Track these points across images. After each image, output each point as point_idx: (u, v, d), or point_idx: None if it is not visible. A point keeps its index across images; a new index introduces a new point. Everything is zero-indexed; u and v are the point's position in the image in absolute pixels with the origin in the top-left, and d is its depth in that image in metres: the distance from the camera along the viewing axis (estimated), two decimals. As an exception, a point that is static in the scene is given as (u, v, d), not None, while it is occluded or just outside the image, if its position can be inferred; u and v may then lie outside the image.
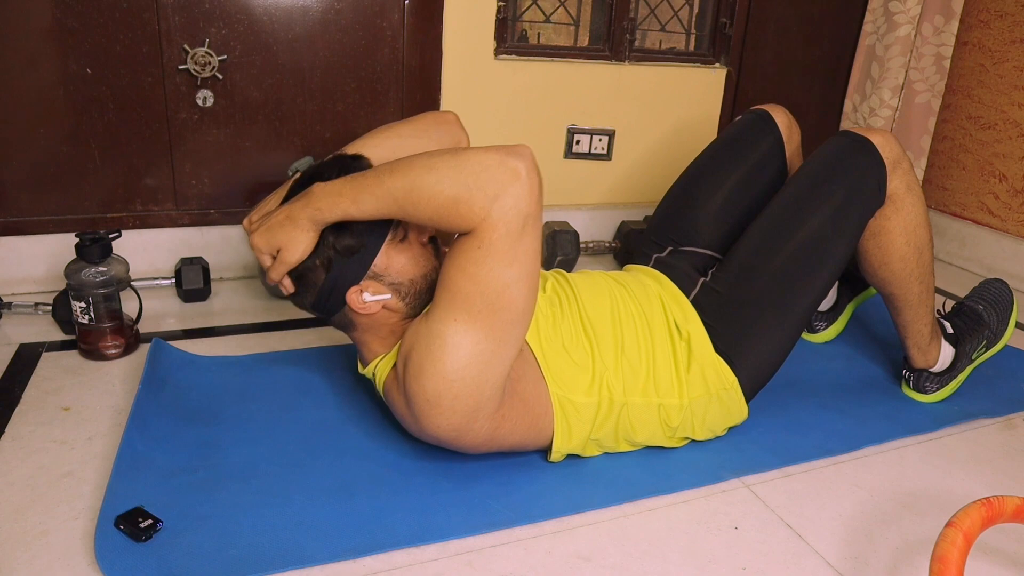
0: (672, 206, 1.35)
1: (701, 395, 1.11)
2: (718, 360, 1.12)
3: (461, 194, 0.85)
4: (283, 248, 0.94)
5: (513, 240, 0.87)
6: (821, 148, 1.21)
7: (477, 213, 0.85)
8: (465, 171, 0.86)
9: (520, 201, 0.86)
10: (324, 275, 0.97)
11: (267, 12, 1.61)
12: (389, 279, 0.99)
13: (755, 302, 1.14)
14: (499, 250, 0.87)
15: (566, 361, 1.04)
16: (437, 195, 0.86)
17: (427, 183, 0.86)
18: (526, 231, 0.88)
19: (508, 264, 0.88)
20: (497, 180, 0.85)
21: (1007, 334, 1.41)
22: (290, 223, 0.93)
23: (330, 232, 0.94)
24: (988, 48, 2.12)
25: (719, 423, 1.15)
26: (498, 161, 0.86)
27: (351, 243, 0.95)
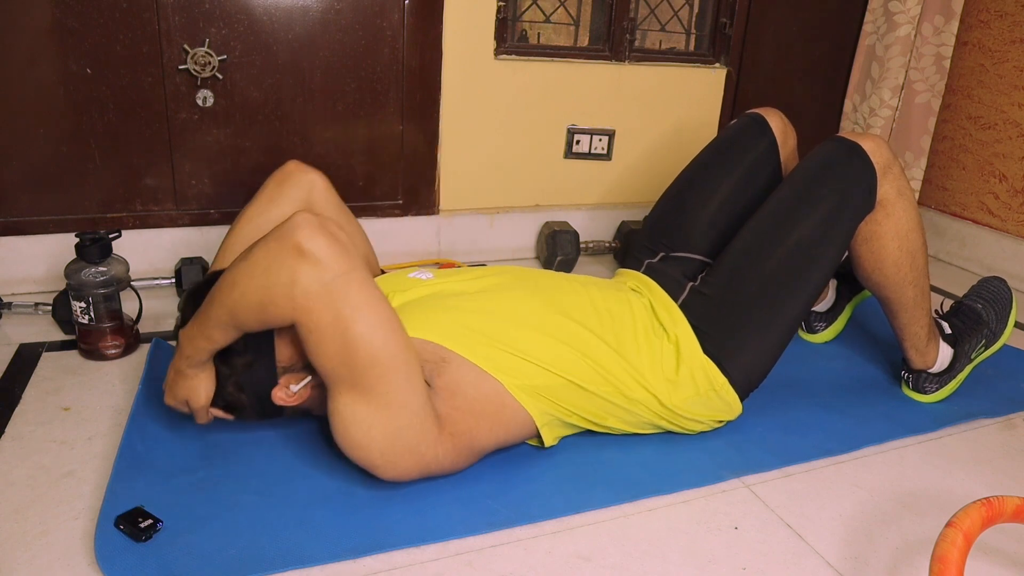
0: (665, 211, 1.35)
1: (690, 395, 1.12)
2: (707, 361, 1.13)
3: (263, 297, 0.86)
4: (188, 399, 0.99)
5: (334, 309, 0.86)
6: (812, 153, 1.21)
7: (285, 307, 0.86)
8: (256, 274, 0.86)
9: (315, 274, 0.84)
10: (243, 394, 1.00)
11: (267, 12, 1.61)
12: (301, 364, 1.00)
13: (744, 305, 1.15)
14: (326, 324, 0.86)
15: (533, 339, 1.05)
16: (249, 306, 0.88)
17: (235, 300, 0.88)
18: (340, 294, 0.86)
19: (344, 331, 0.87)
20: (284, 267, 0.85)
21: (1006, 332, 1.41)
22: (180, 376, 0.98)
23: (220, 361, 0.98)
24: (988, 48, 2.12)
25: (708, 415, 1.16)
26: (277, 248, 0.85)
27: (243, 359, 0.98)
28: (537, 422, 1.05)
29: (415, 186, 1.87)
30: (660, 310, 1.18)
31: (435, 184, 1.89)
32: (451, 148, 1.88)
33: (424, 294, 1.13)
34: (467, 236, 1.96)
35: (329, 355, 0.88)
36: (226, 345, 0.94)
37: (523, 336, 1.05)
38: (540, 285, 1.16)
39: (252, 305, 0.87)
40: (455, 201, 1.93)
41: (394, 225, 1.87)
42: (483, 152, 1.92)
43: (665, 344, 1.14)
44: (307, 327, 0.87)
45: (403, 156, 1.83)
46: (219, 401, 1.01)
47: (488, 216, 1.97)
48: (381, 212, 1.85)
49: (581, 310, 1.12)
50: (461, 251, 1.97)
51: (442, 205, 1.92)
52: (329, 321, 0.86)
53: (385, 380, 0.90)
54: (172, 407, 1.02)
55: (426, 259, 1.92)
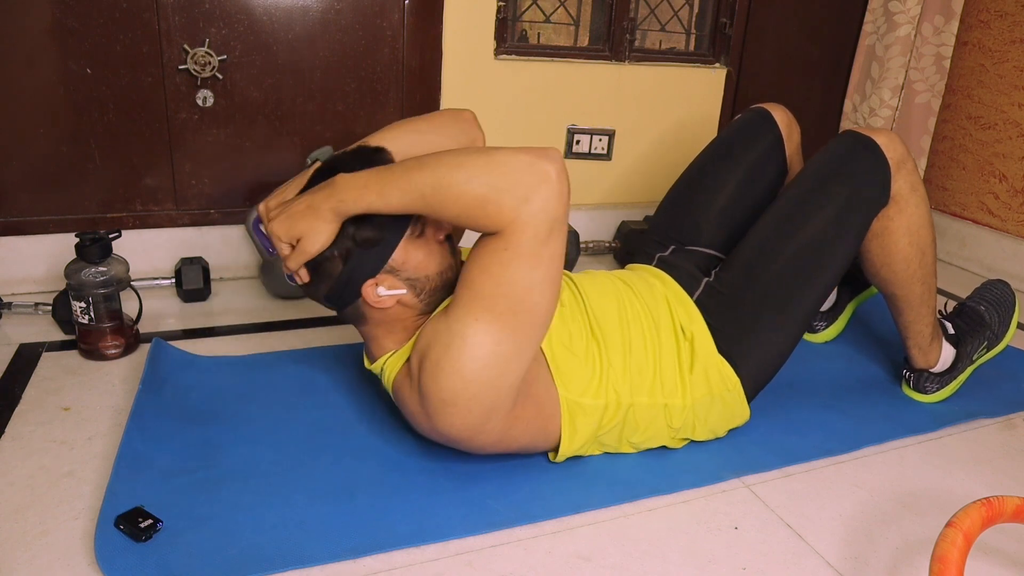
0: (674, 205, 1.35)
1: (704, 396, 1.11)
2: (721, 361, 1.12)
3: (490, 194, 0.85)
4: (304, 237, 0.92)
5: (540, 244, 0.86)
6: (825, 148, 1.21)
7: (505, 215, 0.85)
8: (495, 171, 0.85)
9: (548, 204, 0.85)
10: (341, 266, 0.95)
11: (267, 12, 1.61)
12: (405, 274, 0.98)
13: (758, 303, 1.14)
14: (525, 253, 0.86)
15: (573, 363, 1.04)
16: (466, 194, 0.85)
17: (456, 181, 0.85)
18: (552, 235, 0.87)
19: (533, 267, 0.87)
20: (526, 182, 0.85)
21: (1008, 335, 1.41)
22: (312, 213, 0.91)
23: (350, 223, 0.92)
24: (988, 48, 2.12)
25: (720, 424, 1.15)
26: (528, 163, 0.85)
27: (371, 235, 0.94)
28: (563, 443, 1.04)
29: (415, 186, 1.87)
30: (676, 307, 1.16)
31: (435, 184, 1.89)
32: (451, 148, 1.87)
33: None
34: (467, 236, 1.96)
35: (504, 279, 0.87)
36: (386, 212, 0.89)
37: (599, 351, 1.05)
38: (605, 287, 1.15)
39: (472, 194, 0.85)
40: (455, 201, 1.93)
41: (394, 225, 1.87)
42: (483, 152, 1.92)
43: (682, 343, 1.13)
44: (507, 242, 0.86)
45: (403, 156, 1.83)
46: (317, 257, 0.94)
47: (488, 216, 1.97)
48: (381, 212, 1.85)
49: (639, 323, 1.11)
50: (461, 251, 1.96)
51: (442, 205, 1.92)
52: (530, 250, 0.86)
53: (527, 331, 0.90)
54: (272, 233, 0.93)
55: (426, 259, 1.92)
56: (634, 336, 1.10)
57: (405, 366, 1.00)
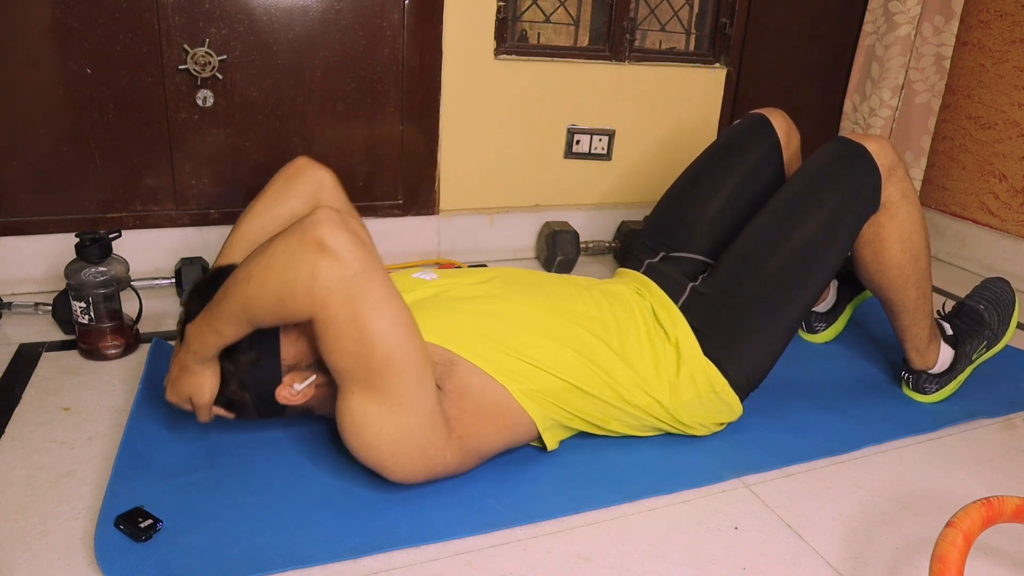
0: (667, 211, 1.35)
1: (691, 397, 1.12)
2: (707, 363, 1.13)
3: (281, 291, 0.85)
4: (192, 395, 0.98)
5: (353, 306, 0.85)
6: (816, 154, 1.21)
7: (304, 302, 0.85)
8: (275, 267, 0.85)
9: (336, 269, 0.84)
10: (247, 393, 0.99)
11: (267, 12, 1.61)
12: (305, 362, 0.99)
13: (746, 307, 1.14)
14: (344, 321, 0.86)
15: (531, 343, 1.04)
16: (265, 300, 0.87)
17: (252, 294, 0.87)
18: (360, 291, 0.85)
19: (361, 327, 0.86)
20: (305, 261, 0.84)
21: (1008, 334, 1.41)
22: (185, 372, 0.97)
23: (226, 359, 0.97)
24: (988, 48, 2.12)
25: (709, 417, 1.16)
26: (297, 242, 0.85)
27: (250, 356, 0.97)
28: (539, 426, 1.05)
29: (415, 186, 1.87)
30: (660, 312, 1.18)
31: (435, 184, 1.89)
32: (451, 148, 1.88)
33: (428, 295, 1.12)
34: (467, 236, 1.96)
35: (345, 352, 0.87)
36: (236, 341, 0.93)
37: (528, 340, 1.05)
38: (545, 288, 1.16)
39: (269, 299, 0.86)
40: (455, 201, 1.93)
41: (394, 225, 1.87)
42: (483, 152, 1.92)
43: (666, 346, 1.14)
44: (324, 323, 0.86)
45: (403, 156, 1.83)
46: (221, 399, 1.00)
47: (488, 216, 1.97)
48: (381, 212, 1.85)
49: (586, 314, 1.12)
50: (461, 251, 1.97)
51: (442, 205, 1.92)
52: (347, 317, 0.85)
53: (399, 380, 0.89)
54: (174, 404, 1.01)
55: (426, 259, 1.92)
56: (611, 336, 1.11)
57: None
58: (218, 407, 1.01)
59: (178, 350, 0.99)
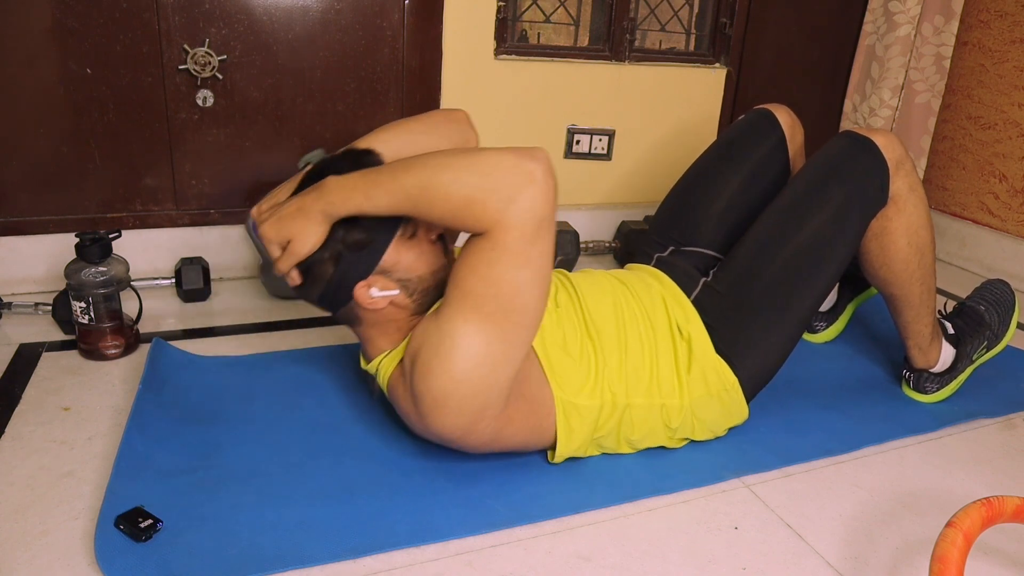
0: (675, 206, 1.35)
1: (702, 395, 1.11)
2: (719, 361, 1.12)
3: (476, 195, 0.85)
4: (293, 239, 0.92)
5: (527, 243, 0.86)
6: (824, 148, 1.21)
7: (491, 215, 0.85)
8: (481, 172, 0.85)
9: (535, 204, 0.85)
10: (332, 269, 0.96)
11: (267, 12, 1.61)
12: (397, 275, 0.98)
13: (756, 303, 1.14)
14: (513, 252, 0.86)
15: (568, 363, 1.04)
16: (452, 195, 0.85)
17: (442, 182, 0.86)
18: (540, 234, 0.87)
19: (521, 267, 0.87)
20: (512, 183, 0.85)
21: (1008, 335, 1.41)
22: (302, 215, 0.92)
23: (340, 226, 0.93)
24: (988, 48, 2.12)
25: (719, 423, 1.15)
26: (514, 163, 0.85)
27: (361, 238, 0.94)
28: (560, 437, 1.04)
29: (415, 186, 1.87)
30: (674, 307, 1.16)
31: (435, 184, 1.89)
32: (451, 148, 1.88)
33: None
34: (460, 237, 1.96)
35: (492, 279, 0.87)
36: (374, 214, 0.90)
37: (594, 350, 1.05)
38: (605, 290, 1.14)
39: (458, 195, 0.85)
40: (455, 201, 1.93)
41: (394, 225, 1.87)
42: (483, 152, 1.92)
43: (679, 343, 1.13)
44: (494, 242, 0.86)
45: (403, 156, 1.83)
46: (308, 260, 0.95)
47: (488, 216, 1.97)
48: (381, 212, 1.85)
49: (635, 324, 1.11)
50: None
51: (442, 205, 1.92)
52: (518, 250, 0.86)
53: (517, 332, 0.90)
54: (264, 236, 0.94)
55: (426, 259, 1.92)
56: (631, 336, 1.10)
57: (399, 366, 1.01)
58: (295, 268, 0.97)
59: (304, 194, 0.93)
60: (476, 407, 0.92)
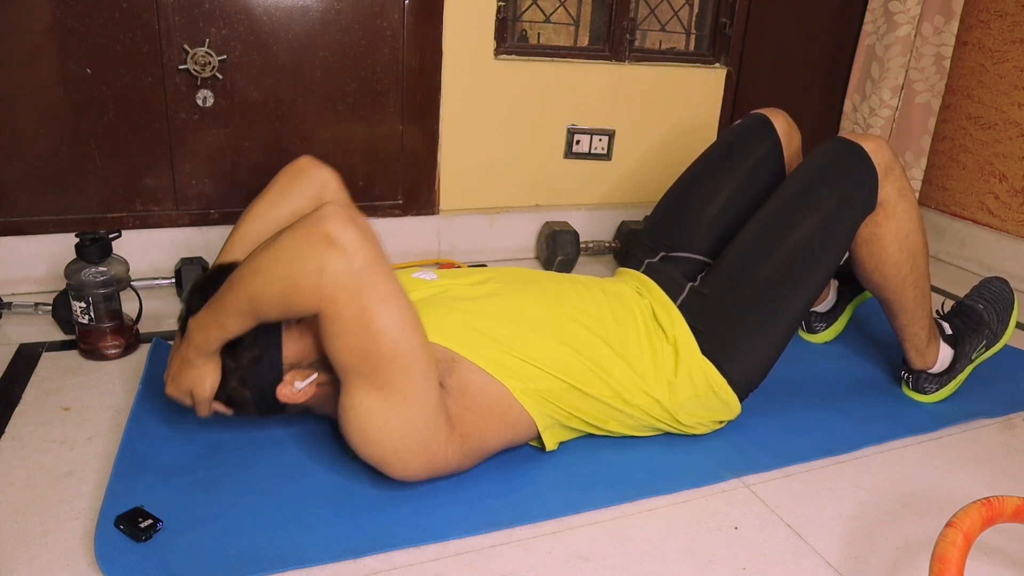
0: (667, 211, 1.35)
1: (689, 396, 1.12)
2: (705, 362, 1.13)
3: (288, 284, 0.85)
4: (193, 388, 0.98)
5: (359, 300, 0.85)
6: (813, 154, 1.21)
7: (310, 295, 0.85)
8: (281, 261, 0.85)
9: (344, 264, 0.84)
10: (247, 390, 0.99)
11: (267, 12, 1.61)
12: (307, 361, 1.00)
13: (743, 306, 1.14)
14: (351, 316, 0.85)
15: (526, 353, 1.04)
16: (272, 294, 0.86)
17: (258, 287, 0.87)
18: (367, 285, 0.85)
19: (368, 323, 0.86)
20: (313, 255, 0.84)
21: (1007, 334, 1.40)
22: (186, 366, 0.97)
23: (228, 356, 0.97)
24: (988, 48, 2.12)
25: (708, 416, 1.16)
26: (305, 236, 0.85)
27: (252, 354, 0.97)
28: (539, 425, 1.05)
29: (415, 186, 1.87)
30: (659, 311, 1.18)
31: (435, 184, 1.89)
32: (451, 148, 1.88)
33: (428, 295, 1.12)
34: (467, 236, 1.96)
35: (350, 347, 0.87)
36: (239, 335, 0.93)
37: (528, 339, 1.05)
38: (544, 287, 1.16)
39: (275, 292, 0.86)
40: (455, 201, 1.93)
41: (394, 225, 1.87)
42: (483, 152, 1.92)
43: (664, 345, 1.14)
44: (331, 317, 0.86)
45: (403, 156, 1.83)
46: (221, 395, 1.00)
47: (488, 216, 1.97)
48: (381, 212, 1.85)
49: (585, 313, 1.12)
50: (461, 251, 1.97)
51: (442, 205, 1.92)
52: (354, 312, 0.85)
53: (404, 375, 0.89)
54: (173, 398, 1.01)
55: (426, 259, 1.92)
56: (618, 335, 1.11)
57: None
58: (218, 403, 1.01)
59: (178, 345, 0.99)
60: (417, 449, 0.93)
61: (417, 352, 0.90)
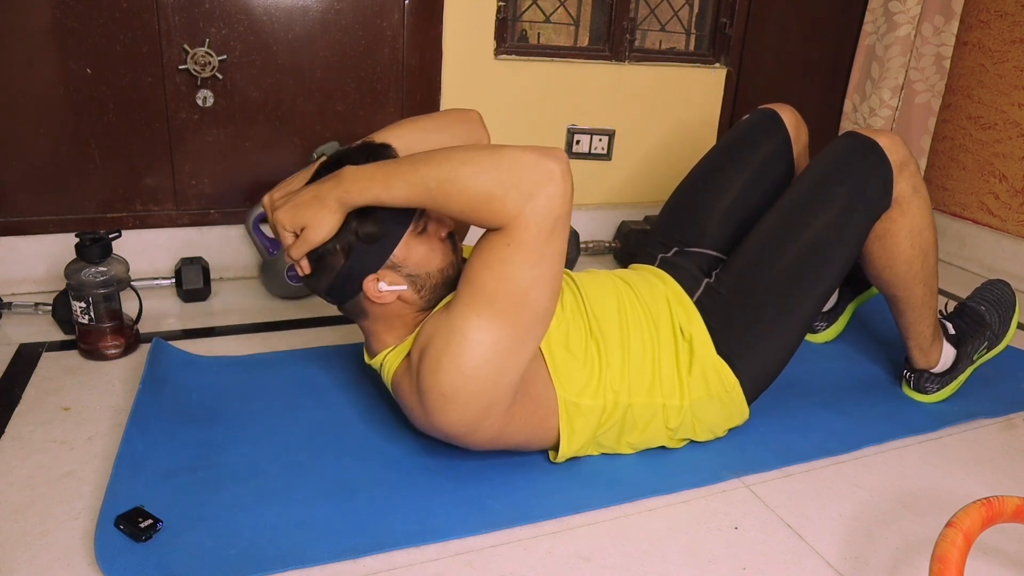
0: (678, 206, 1.35)
1: (702, 396, 1.11)
2: (719, 362, 1.12)
3: (495, 190, 0.85)
4: (308, 227, 0.92)
5: (542, 241, 0.87)
6: (827, 149, 1.21)
7: (510, 210, 0.86)
8: (502, 167, 0.86)
9: (553, 202, 0.86)
10: (343, 260, 0.96)
11: (267, 12, 1.61)
12: (407, 270, 0.98)
13: (758, 305, 1.14)
14: (528, 249, 0.87)
15: (572, 363, 1.04)
16: (471, 188, 0.86)
17: (462, 175, 0.86)
18: (555, 233, 0.88)
19: (535, 264, 0.88)
20: (532, 179, 0.85)
21: (1008, 335, 1.41)
22: (317, 202, 0.91)
23: (353, 217, 0.93)
24: (988, 48, 2.12)
25: (719, 424, 1.15)
26: (534, 161, 0.86)
27: (373, 230, 0.94)
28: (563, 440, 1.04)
29: (415, 186, 1.87)
30: (676, 307, 1.16)
31: (435, 184, 1.89)
32: (451, 148, 1.87)
33: None
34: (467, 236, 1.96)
35: (503, 276, 0.88)
36: (394, 205, 0.90)
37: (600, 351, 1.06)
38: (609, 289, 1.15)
39: (478, 190, 0.86)
40: (455, 201, 1.93)
41: (394, 225, 1.87)
42: (483, 152, 1.92)
43: (681, 343, 1.13)
44: (510, 238, 0.87)
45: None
46: (320, 249, 0.95)
47: (488, 216, 1.97)
48: (381, 212, 1.85)
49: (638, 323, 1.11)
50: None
51: (442, 205, 1.92)
52: (531, 248, 0.87)
53: (527, 329, 0.91)
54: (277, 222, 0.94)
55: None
56: (633, 336, 1.09)
57: (405, 361, 1.01)
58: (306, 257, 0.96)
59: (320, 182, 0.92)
60: (483, 404, 0.92)
61: (548, 316, 0.93)
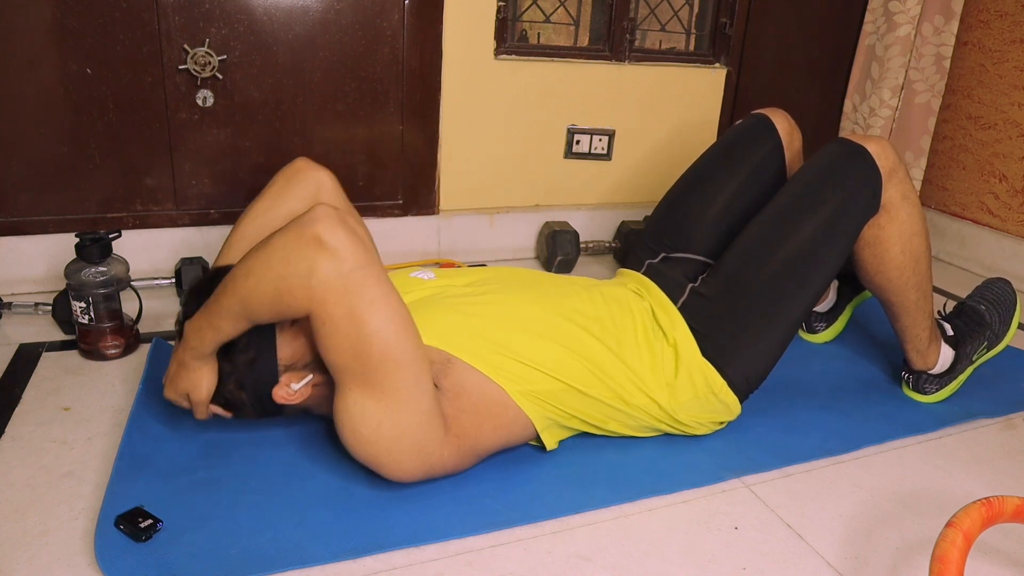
0: (668, 211, 1.35)
1: (689, 399, 1.12)
2: (705, 364, 1.13)
3: (279, 286, 0.86)
4: (189, 391, 0.99)
5: (349, 301, 0.86)
6: (816, 155, 1.21)
7: (301, 297, 0.86)
8: (273, 262, 0.86)
9: (333, 265, 0.84)
10: (245, 393, 1.00)
11: (267, 12, 1.61)
12: (302, 362, 1.00)
13: (745, 309, 1.14)
14: (341, 317, 0.86)
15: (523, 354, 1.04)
16: (263, 296, 0.87)
17: (250, 288, 0.88)
18: (357, 286, 0.86)
19: (358, 324, 0.87)
20: (301, 257, 0.85)
21: (1009, 335, 1.40)
22: (183, 369, 0.98)
23: (223, 358, 0.98)
24: (988, 48, 2.12)
25: (708, 417, 1.16)
26: (295, 238, 0.85)
27: (247, 355, 0.98)
28: (537, 426, 1.05)
29: (415, 186, 1.87)
30: (659, 313, 1.17)
31: (435, 184, 1.89)
32: (451, 148, 1.88)
33: (426, 295, 1.12)
34: (467, 236, 1.96)
35: (342, 349, 0.88)
36: (234, 337, 0.94)
37: (525, 341, 1.05)
38: (542, 287, 1.16)
39: (267, 294, 0.87)
40: (455, 201, 1.93)
41: (394, 225, 1.87)
42: (483, 152, 1.92)
43: (664, 347, 1.14)
44: (322, 318, 0.86)
45: (403, 156, 1.83)
46: (219, 398, 1.00)
47: (488, 216, 1.97)
48: (381, 212, 1.85)
49: (583, 314, 1.12)
50: (461, 251, 1.97)
51: (442, 205, 1.92)
52: (344, 313, 0.86)
53: (396, 376, 0.89)
54: (171, 401, 1.02)
55: (426, 259, 1.92)
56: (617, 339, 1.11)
57: None
58: (215, 406, 1.02)
59: (177, 348, 1.00)
60: (411, 451, 0.93)
61: (409, 353, 0.90)
